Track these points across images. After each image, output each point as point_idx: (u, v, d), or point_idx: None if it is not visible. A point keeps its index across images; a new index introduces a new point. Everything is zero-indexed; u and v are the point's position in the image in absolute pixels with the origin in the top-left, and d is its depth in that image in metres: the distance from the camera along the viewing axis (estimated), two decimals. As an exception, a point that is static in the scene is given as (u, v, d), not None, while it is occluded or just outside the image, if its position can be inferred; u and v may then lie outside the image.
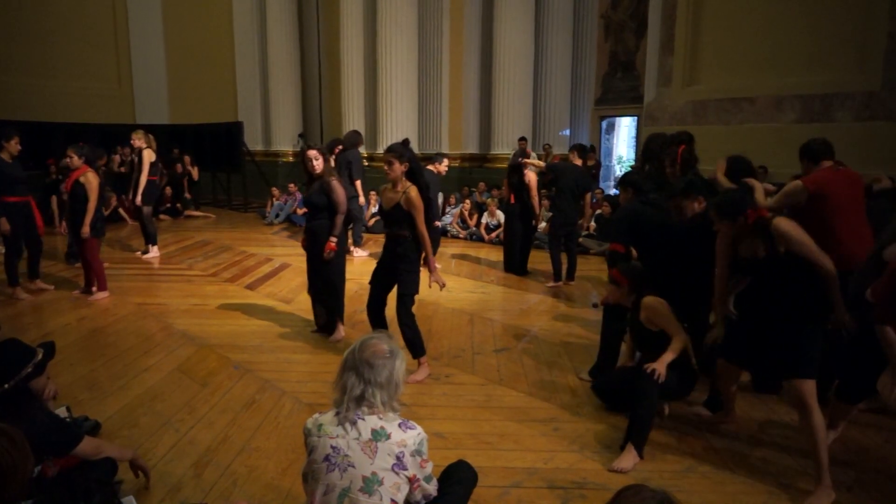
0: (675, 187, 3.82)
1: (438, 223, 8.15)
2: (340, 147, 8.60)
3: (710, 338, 3.40)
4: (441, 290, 4.26)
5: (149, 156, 7.98)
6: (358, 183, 8.47)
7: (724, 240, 3.17)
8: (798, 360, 2.89)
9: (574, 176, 6.95)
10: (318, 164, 4.83)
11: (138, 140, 8.00)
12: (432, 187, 7.99)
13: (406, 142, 4.28)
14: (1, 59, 13.75)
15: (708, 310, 4.21)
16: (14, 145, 5.93)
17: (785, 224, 2.96)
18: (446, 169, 8.13)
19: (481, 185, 11.42)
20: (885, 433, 3.49)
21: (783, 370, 2.96)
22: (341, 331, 5.00)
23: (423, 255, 4.14)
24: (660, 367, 3.26)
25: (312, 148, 5.00)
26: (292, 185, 12.08)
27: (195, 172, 13.03)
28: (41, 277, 6.53)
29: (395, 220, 4.06)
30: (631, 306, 3.71)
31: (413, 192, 4.00)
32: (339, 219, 4.82)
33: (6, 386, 2.36)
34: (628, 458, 3.08)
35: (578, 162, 7.08)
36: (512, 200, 7.48)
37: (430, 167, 8.08)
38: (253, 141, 14.58)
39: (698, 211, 3.65)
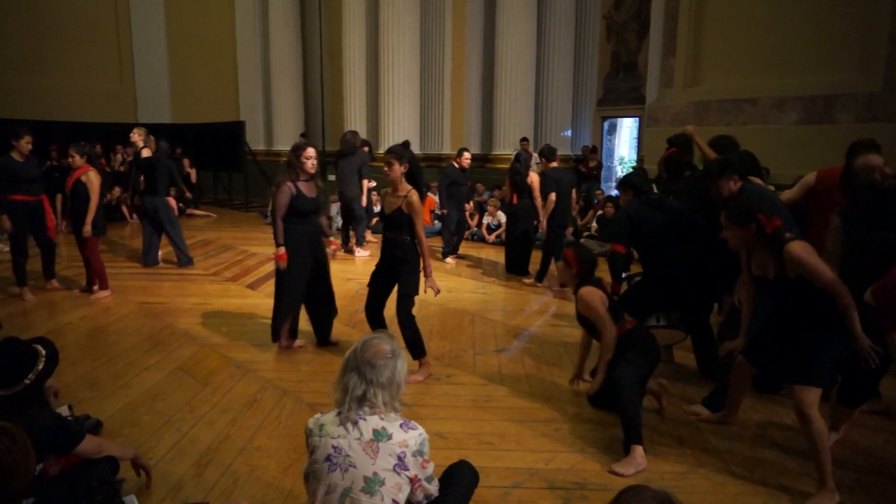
0: (711, 167, 3.82)
1: (444, 210, 8.17)
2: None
3: (729, 347, 3.31)
4: (436, 296, 4.26)
5: (147, 155, 7.95)
6: (365, 183, 8.50)
7: (742, 251, 3.15)
8: (805, 367, 2.86)
9: (565, 177, 7.02)
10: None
11: (137, 136, 7.96)
12: (460, 181, 8.12)
13: (406, 143, 4.30)
14: (2, 58, 13.77)
15: (709, 309, 4.22)
16: (24, 144, 5.87)
17: (799, 249, 2.84)
18: (468, 161, 8.21)
19: (479, 186, 11.43)
20: (887, 435, 3.49)
21: (789, 374, 2.95)
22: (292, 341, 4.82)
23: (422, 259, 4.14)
24: (600, 375, 3.54)
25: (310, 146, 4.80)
26: None
27: (193, 174, 13.03)
28: (56, 277, 6.50)
29: (395, 224, 4.07)
30: (574, 292, 3.77)
31: (414, 196, 4.00)
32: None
33: (27, 382, 2.37)
34: (630, 463, 3.07)
35: (554, 164, 7.06)
36: (514, 201, 7.48)
37: (453, 162, 8.17)
38: (255, 140, 14.60)
39: (734, 190, 3.65)
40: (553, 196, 6.88)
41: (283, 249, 4.47)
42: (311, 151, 4.61)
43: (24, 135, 5.89)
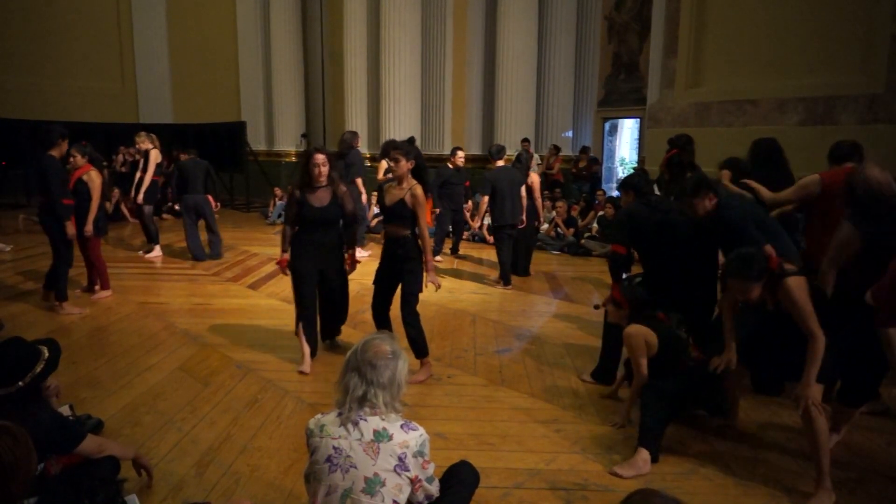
0: (684, 187, 3.77)
1: (437, 210, 8.16)
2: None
3: (718, 363, 3.23)
4: (436, 290, 4.26)
5: (156, 156, 8.08)
6: (359, 181, 8.49)
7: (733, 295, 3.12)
8: None
9: (506, 177, 6.88)
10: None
11: (143, 143, 8.10)
12: (454, 180, 8.14)
13: (412, 140, 4.29)
14: (4, 58, 13.80)
15: (710, 310, 4.22)
16: (65, 145, 5.60)
17: (794, 286, 2.86)
18: (462, 161, 8.22)
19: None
20: (888, 436, 3.49)
21: (791, 372, 2.95)
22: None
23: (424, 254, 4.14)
24: (622, 418, 3.53)
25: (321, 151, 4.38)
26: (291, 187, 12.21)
27: None
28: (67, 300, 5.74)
29: (397, 216, 4.06)
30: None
31: (419, 189, 4.00)
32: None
33: (21, 384, 2.37)
34: (631, 466, 3.05)
35: (500, 163, 7.02)
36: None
37: (447, 163, 8.17)
38: (256, 141, 14.61)
39: (710, 209, 3.60)
40: (486, 198, 6.78)
41: (284, 256, 4.40)
42: (319, 158, 4.26)
43: (67, 135, 5.61)
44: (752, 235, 3.43)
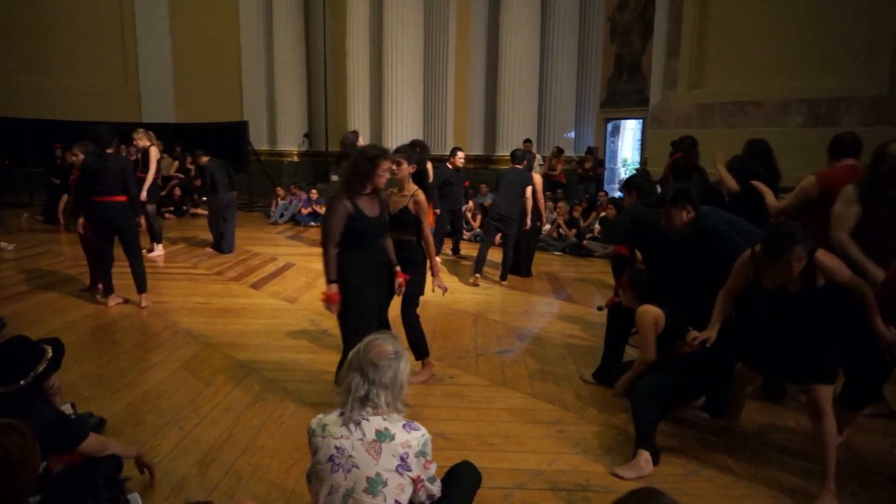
0: (664, 194, 3.68)
1: (436, 210, 8.16)
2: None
3: (698, 336, 3.21)
4: (444, 294, 4.26)
5: (155, 153, 8.05)
6: None
7: (745, 268, 3.07)
8: (820, 366, 2.87)
9: (511, 174, 7.08)
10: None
11: (142, 140, 8.06)
12: (453, 181, 8.18)
13: (414, 144, 4.27)
14: (8, 57, 13.84)
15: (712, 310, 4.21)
16: (115, 144, 5.70)
17: (825, 257, 2.83)
18: (462, 161, 8.27)
19: (483, 187, 11.41)
20: (891, 438, 3.48)
21: (805, 375, 2.94)
22: None
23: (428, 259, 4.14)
24: (618, 388, 3.78)
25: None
26: (294, 187, 12.35)
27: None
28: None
29: (402, 224, 4.06)
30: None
31: (421, 195, 4.00)
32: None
33: (22, 383, 2.37)
34: (633, 468, 3.05)
35: (519, 166, 7.15)
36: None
37: (447, 164, 8.19)
38: (258, 140, 14.62)
39: (686, 221, 3.50)
40: (471, 203, 7.09)
41: (334, 287, 3.44)
42: (388, 163, 3.57)
43: (116, 132, 5.81)
44: (734, 241, 3.39)
